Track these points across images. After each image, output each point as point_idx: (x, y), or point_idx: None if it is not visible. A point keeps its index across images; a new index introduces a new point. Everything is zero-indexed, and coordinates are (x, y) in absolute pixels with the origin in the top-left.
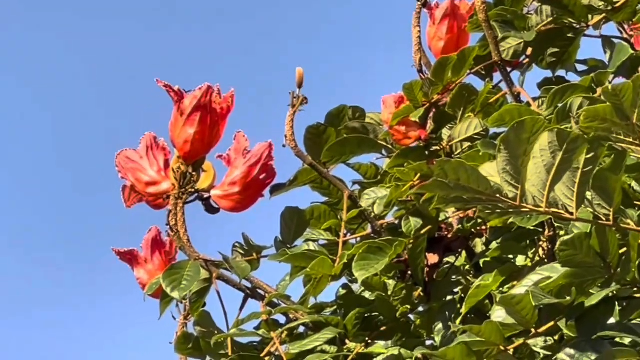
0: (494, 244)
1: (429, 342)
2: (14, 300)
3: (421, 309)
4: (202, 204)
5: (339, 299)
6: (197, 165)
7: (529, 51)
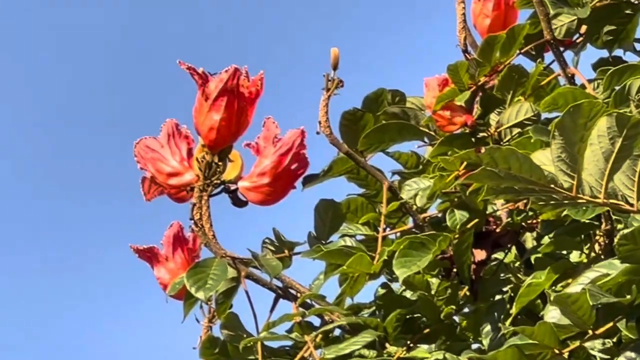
0: (546, 239)
1: (475, 346)
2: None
3: (467, 309)
4: (229, 196)
5: (378, 299)
6: (223, 154)
7: (583, 29)
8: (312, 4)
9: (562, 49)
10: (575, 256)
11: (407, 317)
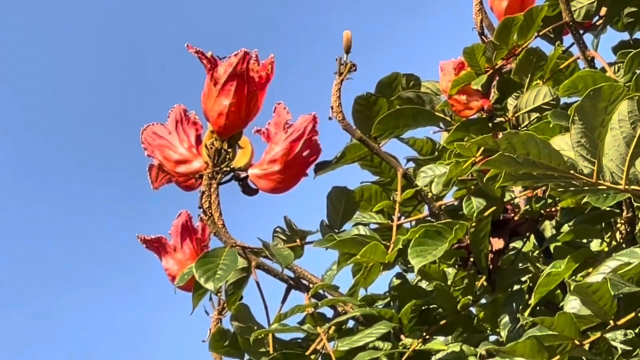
0: (566, 227)
1: (493, 337)
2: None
3: (485, 300)
4: (239, 184)
5: (393, 290)
6: (232, 141)
7: (603, 11)
8: None
9: (581, 31)
10: (595, 245)
11: (423, 308)
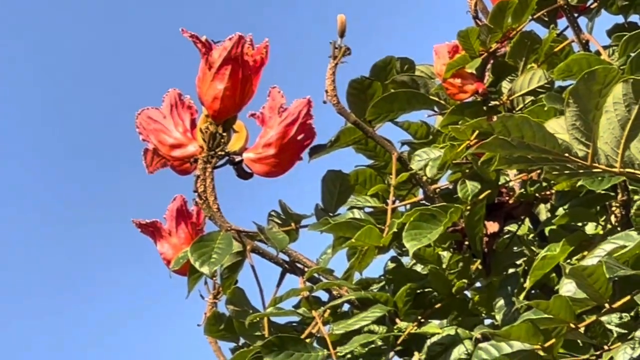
0: (561, 210)
1: (488, 321)
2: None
3: (480, 283)
4: (234, 168)
5: (388, 274)
6: (227, 125)
7: None
8: None
9: (576, 14)
10: (590, 228)
11: (418, 291)
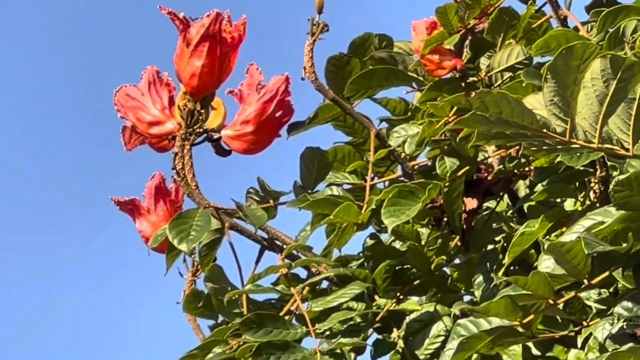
0: (540, 187)
1: (467, 297)
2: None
3: (458, 260)
4: (212, 145)
5: (366, 250)
6: (205, 102)
7: None
8: None
9: None
10: (569, 204)
11: (397, 268)
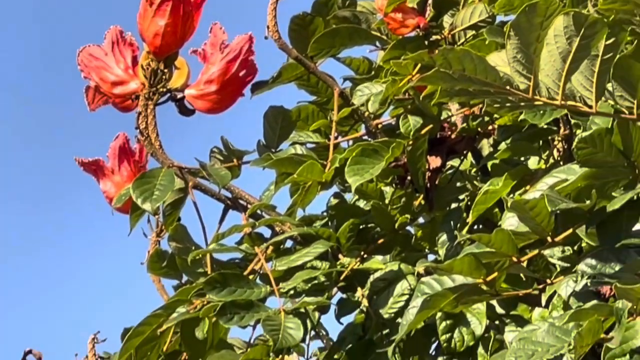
0: (503, 145)
1: (431, 256)
2: None
3: (422, 219)
4: (175, 105)
5: (330, 210)
6: (169, 61)
7: None
8: None
9: None
10: (533, 162)
11: (361, 227)
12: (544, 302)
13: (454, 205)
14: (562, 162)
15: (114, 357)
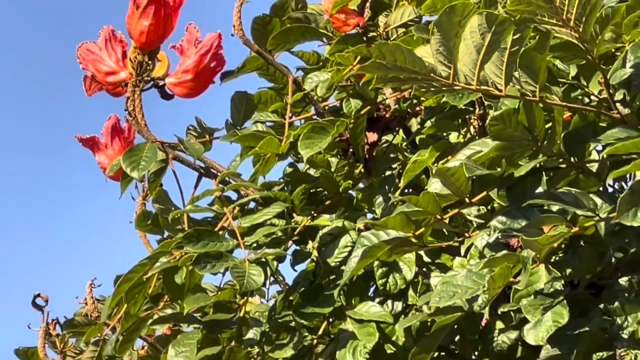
0: (429, 123)
1: (370, 215)
2: None
3: (362, 184)
4: (158, 90)
5: (286, 177)
6: (152, 55)
7: None
8: None
9: None
10: (453, 137)
11: (311, 191)
12: (463, 252)
13: (388, 172)
14: (477, 137)
15: (108, 299)
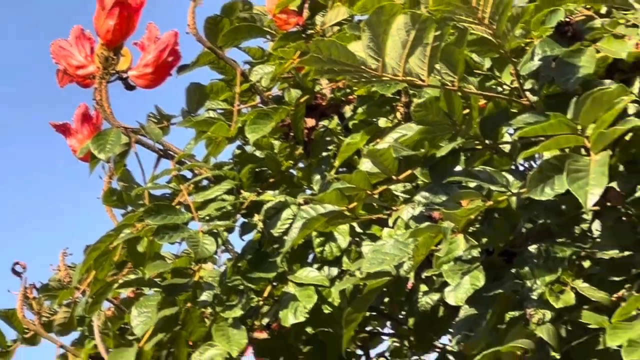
0: (361, 110)
1: (309, 191)
2: None
3: (302, 164)
4: (122, 82)
5: (235, 158)
6: (117, 50)
7: None
8: None
9: None
10: (382, 122)
11: (257, 170)
12: (390, 224)
13: (324, 153)
14: (403, 122)
15: (78, 266)
